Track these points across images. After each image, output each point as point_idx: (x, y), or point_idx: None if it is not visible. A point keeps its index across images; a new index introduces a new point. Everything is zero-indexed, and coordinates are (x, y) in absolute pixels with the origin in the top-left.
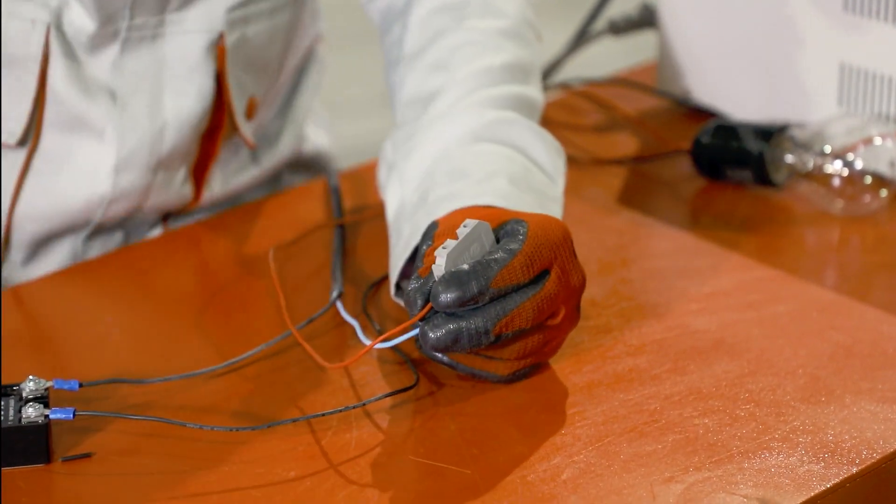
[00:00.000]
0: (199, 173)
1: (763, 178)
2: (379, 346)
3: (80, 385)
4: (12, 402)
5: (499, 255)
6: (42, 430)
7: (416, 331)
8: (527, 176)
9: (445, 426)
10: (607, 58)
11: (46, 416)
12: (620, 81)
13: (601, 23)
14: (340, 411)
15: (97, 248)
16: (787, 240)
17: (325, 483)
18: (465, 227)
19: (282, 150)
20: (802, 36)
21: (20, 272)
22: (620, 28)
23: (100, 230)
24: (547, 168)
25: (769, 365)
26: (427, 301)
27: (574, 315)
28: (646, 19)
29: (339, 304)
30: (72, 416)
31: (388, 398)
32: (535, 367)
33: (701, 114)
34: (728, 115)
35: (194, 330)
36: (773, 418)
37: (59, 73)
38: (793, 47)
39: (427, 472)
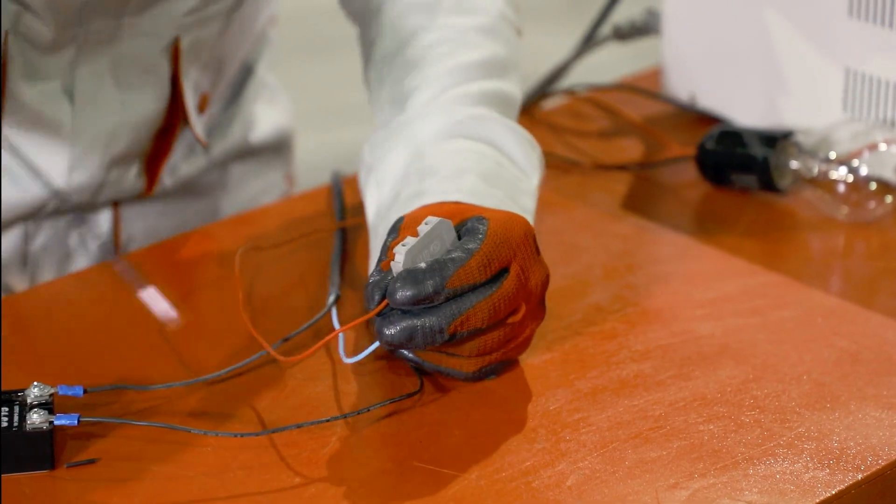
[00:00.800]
0: (151, 167)
1: (768, 183)
2: (347, 359)
3: (85, 391)
4: (17, 409)
5: (456, 254)
6: (47, 437)
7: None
8: (498, 171)
9: (450, 433)
10: (612, 63)
11: (51, 423)
12: (625, 87)
13: (606, 28)
14: (345, 417)
15: (46, 230)
16: (791, 245)
17: (330, 489)
18: (426, 224)
19: (231, 138)
20: (807, 41)
21: None
22: (625, 34)
23: (50, 215)
24: (520, 162)
25: (774, 371)
26: (384, 296)
27: (537, 311)
28: (650, 25)
29: (333, 311)
30: (76, 422)
31: (392, 404)
32: (503, 364)
33: (706, 119)
34: (733, 121)
35: (196, 335)
36: (778, 424)
37: (17, 75)
38: (797, 52)
39: (432, 479)
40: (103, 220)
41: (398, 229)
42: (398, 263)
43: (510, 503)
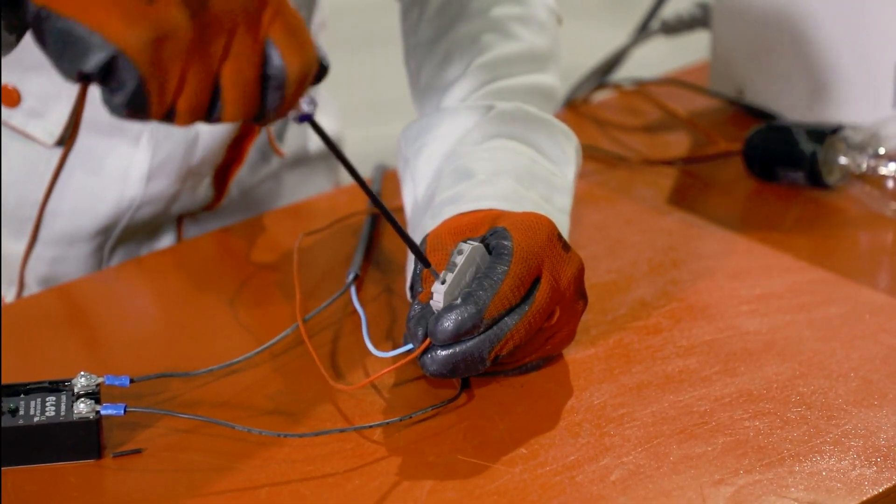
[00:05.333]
0: (221, 177)
1: (816, 179)
2: (378, 352)
3: (131, 381)
4: (64, 398)
5: (487, 281)
6: (93, 426)
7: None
8: (533, 169)
9: (494, 426)
10: (658, 58)
11: (98, 412)
12: (672, 81)
13: (653, 23)
14: (387, 423)
15: (119, 254)
16: (839, 242)
17: (374, 481)
18: (459, 253)
19: (289, 148)
20: (858, 36)
21: (45, 268)
22: (672, 28)
23: (121, 241)
24: (554, 156)
25: (821, 367)
26: (427, 333)
27: (573, 307)
28: (698, 19)
29: (352, 290)
30: (122, 411)
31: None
32: (544, 359)
33: (753, 114)
34: (781, 116)
35: (240, 323)
36: (825, 421)
37: None
38: (848, 47)
39: (475, 471)
40: (168, 237)
41: (425, 253)
42: (438, 303)
43: (554, 497)
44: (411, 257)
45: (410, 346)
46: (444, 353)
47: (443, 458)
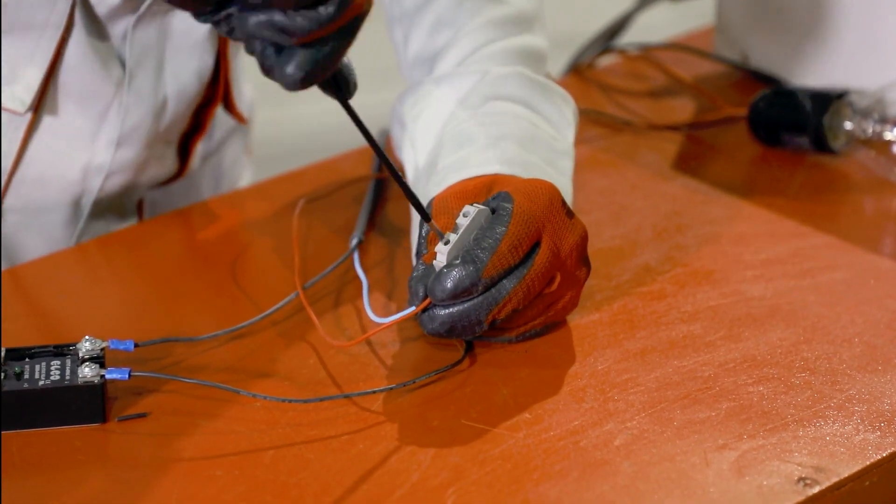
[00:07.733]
0: (184, 146)
1: (821, 144)
2: (377, 318)
3: (136, 345)
4: (69, 362)
5: (486, 242)
6: (98, 390)
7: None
8: (534, 133)
9: (498, 391)
10: (664, 23)
11: (102, 376)
12: (677, 46)
13: None
14: (391, 389)
15: (91, 233)
16: (844, 207)
17: (378, 445)
18: (465, 216)
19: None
20: (863, 0)
21: (9, 237)
22: None
23: (93, 216)
24: (554, 120)
25: (825, 333)
26: (426, 292)
27: (576, 274)
28: None
29: (355, 256)
30: (127, 376)
31: (438, 366)
32: (551, 325)
33: (758, 79)
34: (786, 81)
35: (242, 289)
36: (829, 387)
37: (77, 44)
38: (853, 12)
39: (479, 436)
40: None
41: (431, 217)
42: (440, 262)
43: (558, 462)
44: (416, 223)
45: (413, 308)
46: (442, 312)
47: (446, 422)
